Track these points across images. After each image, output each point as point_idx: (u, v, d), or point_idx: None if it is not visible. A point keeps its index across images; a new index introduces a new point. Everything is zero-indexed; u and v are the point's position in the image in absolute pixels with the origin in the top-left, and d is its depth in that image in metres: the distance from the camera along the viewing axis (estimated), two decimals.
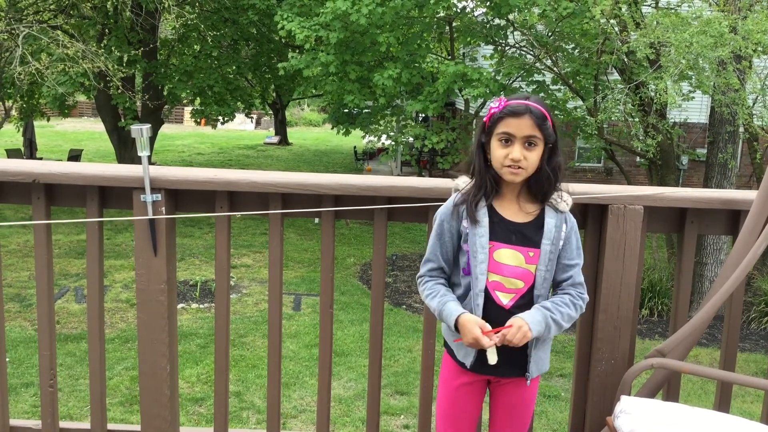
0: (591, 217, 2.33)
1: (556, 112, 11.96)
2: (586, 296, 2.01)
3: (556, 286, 2.01)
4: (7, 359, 6.28)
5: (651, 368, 2.15)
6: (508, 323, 1.89)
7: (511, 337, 1.86)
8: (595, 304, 2.30)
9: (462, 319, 1.91)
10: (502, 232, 1.96)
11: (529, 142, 1.89)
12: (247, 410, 6.13)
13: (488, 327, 1.90)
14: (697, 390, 7.29)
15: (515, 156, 1.88)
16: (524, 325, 1.87)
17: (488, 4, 11.66)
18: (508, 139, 1.90)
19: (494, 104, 1.93)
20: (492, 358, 1.92)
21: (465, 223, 1.96)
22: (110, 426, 2.51)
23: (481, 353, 1.97)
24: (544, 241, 1.95)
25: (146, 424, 2.41)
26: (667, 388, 2.33)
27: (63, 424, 2.51)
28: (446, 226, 2.00)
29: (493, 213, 1.97)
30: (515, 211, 1.97)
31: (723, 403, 2.36)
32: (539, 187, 1.96)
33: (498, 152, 1.91)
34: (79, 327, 7.94)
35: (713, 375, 2.19)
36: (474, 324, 1.89)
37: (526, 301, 1.96)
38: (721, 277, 2.15)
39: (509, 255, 1.96)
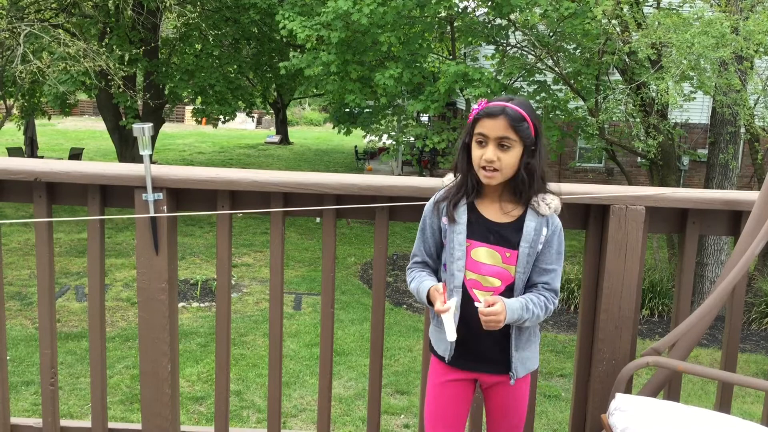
0: (593, 217, 2.33)
1: (557, 112, 11.95)
2: (556, 302, 2.00)
3: (531, 286, 1.99)
4: (8, 357, 6.29)
5: (646, 366, 2.16)
6: (491, 300, 1.88)
7: (486, 317, 1.85)
8: (597, 304, 2.31)
9: (431, 290, 1.94)
10: (480, 230, 1.98)
11: (502, 144, 1.89)
12: (247, 409, 6.13)
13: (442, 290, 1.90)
14: (698, 390, 7.29)
15: (488, 156, 1.89)
16: (502, 314, 1.86)
17: (490, 4, 11.66)
18: (483, 141, 1.91)
19: (476, 106, 1.95)
20: (450, 333, 1.87)
21: (444, 220, 2.00)
22: (111, 424, 2.51)
23: (460, 344, 2.00)
24: (522, 243, 1.95)
25: (147, 422, 2.41)
26: (668, 388, 2.33)
27: (64, 422, 2.52)
28: (428, 221, 2.04)
29: (473, 212, 1.98)
30: (495, 211, 1.98)
31: (723, 404, 2.36)
32: (516, 190, 1.96)
33: (475, 153, 1.93)
34: (80, 325, 7.94)
35: (711, 374, 2.19)
36: (434, 290, 1.92)
37: None
38: (722, 277, 2.15)
39: (486, 254, 1.97)
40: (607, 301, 2.27)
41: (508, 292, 1.97)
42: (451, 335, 1.87)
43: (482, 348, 2.03)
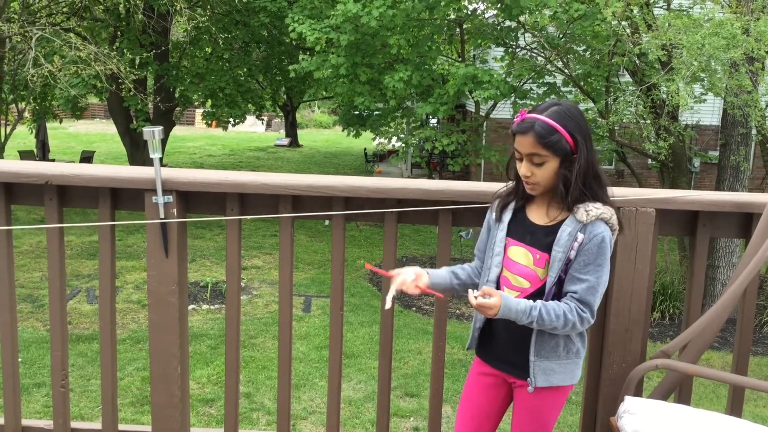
0: None
1: None
2: (587, 317, 1.91)
3: (563, 295, 1.96)
4: (20, 359, 6.31)
5: (656, 369, 2.14)
6: (488, 290, 1.90)
7: (477, 303, 1.87)
8: (607, 307, 2.29)
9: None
10: (520, 231, 2.02)
11: (533, 160, 1.90)
12: (257, 411, 6.14)
13: (424, 281, 2.01)
14: (710, 394, 7.24)
15: (522, 172, 1.94)
16: (493, 308, 1.86)
17: (499, 5, 11.64)
18: (520, 157, 1.94)
19: (516, 119, 1.97)
20: (387, 301, 2.01)
21: (493, 217, 2.08)
22: (121, 426, 2.52)
23: (479, 335, 2.12)
24: (555, 247, 1.93)
25: (157, 424, 2.42)
26: (679, 391, 2.32)
27: (74, 424, 2.52)
28: (488, 216, 2.13)
29: (519, 213, 2.04)
30: (541, 215, 2.00)
31: (735, 407, 2.35)
32: (560, 198, 1.95)
33: (516, 166, 1.98)
34: (91, 327, 7.98)
35: (721, 377, 2.17)
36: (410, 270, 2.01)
37: None
38: (733, 280, 2.13)
39: (520, 253, 2.00)
40: (617, 304, 2.26)
41: (538, 295, 1.96)
42: (387, 303, 2.02)
43: (502, 346, 2.07)
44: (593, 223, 1.91)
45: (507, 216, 2.04)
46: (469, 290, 1.90)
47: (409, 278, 1.98)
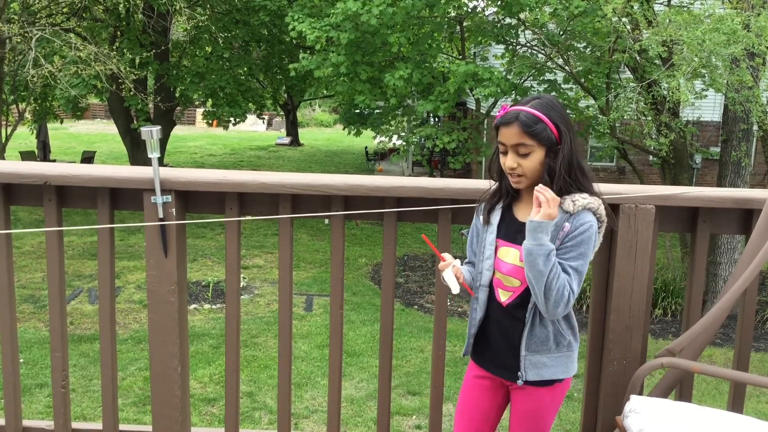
0: None
1: (567, 111, 11.88)
2: (572, 301, 1.88)
3: None
4: (21, 360, 6.31)
5: (661, 367, 2.14)
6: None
7: (541, 191, 1.82)
8: (607, 304, 2.29)
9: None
10: (509, 231, 2.01)
11: (518, 151, 1.90)
12: (259, 410, 6.15)
13: (460, 273, 2.00)
14: (711, 390, 7.23)
15: (508, 164, 1.93)
16: (555, 202, 1.82)
17: (499, 3, 11.63)
18: (504, 150, 1.94)
19: (497, 110, 1.96)
20: (452, 286, 1.99)
21: (480, 220, 2.07)
22: (122, 426, 2.52)
23: (475, 340, 2.10)
24: None
25: (157, 424, 2.42)
26: (680, 388, 2.32)
27: (75, 424, 2.53)
28: (474, 221, 2.12)
29: (507, 214, 2.02)
30: (527, 212, 1.97)
31: (736, 404, 2.34)
32: None
33: (501, 160, 1.97)
34: (93, 328, 7.99)
35: (725, 375, 2.16)
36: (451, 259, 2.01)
37: (521, 301, 1.97)
38: (734, 276, 2.13)
39: (509, 253, 1.99)
40: (617, 301, 2.25)
41: (527, 293, 1.95)
42: (454, 289, 1.99)
43: (497, 351, 2.06)
44: (580, 213, 1.90)
45: (495, 218, 2.03)
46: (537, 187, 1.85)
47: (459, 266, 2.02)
